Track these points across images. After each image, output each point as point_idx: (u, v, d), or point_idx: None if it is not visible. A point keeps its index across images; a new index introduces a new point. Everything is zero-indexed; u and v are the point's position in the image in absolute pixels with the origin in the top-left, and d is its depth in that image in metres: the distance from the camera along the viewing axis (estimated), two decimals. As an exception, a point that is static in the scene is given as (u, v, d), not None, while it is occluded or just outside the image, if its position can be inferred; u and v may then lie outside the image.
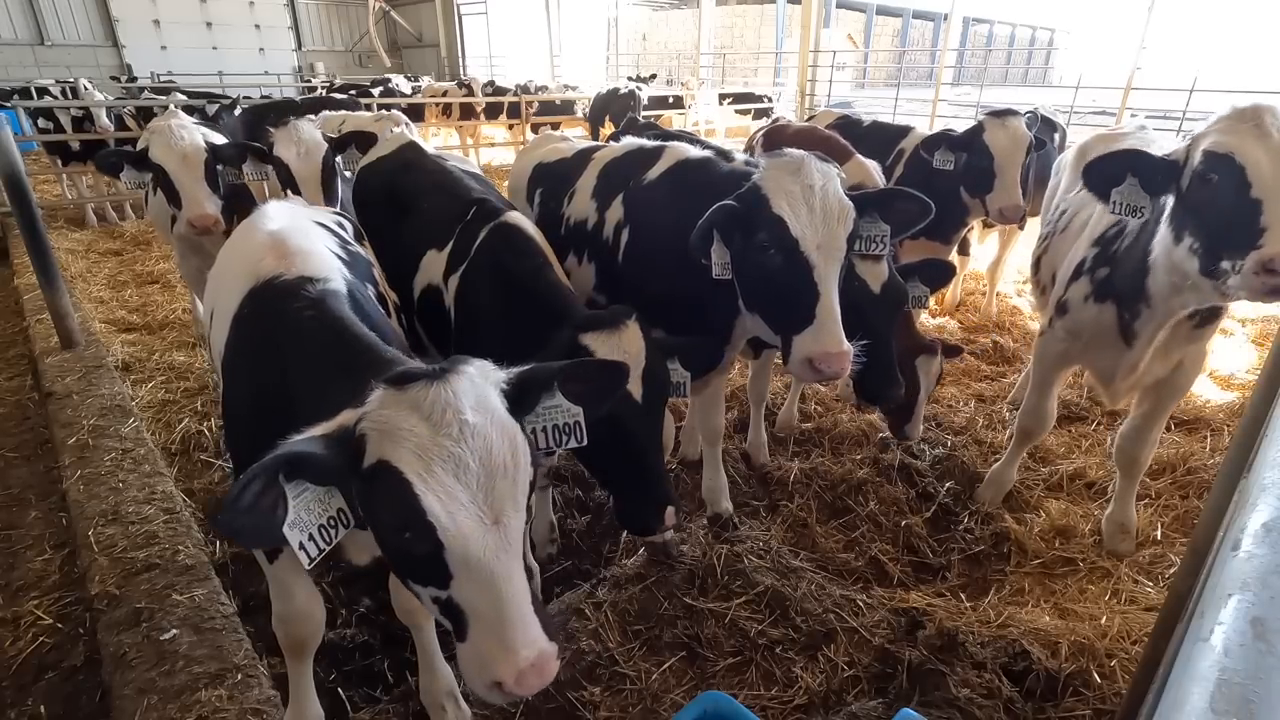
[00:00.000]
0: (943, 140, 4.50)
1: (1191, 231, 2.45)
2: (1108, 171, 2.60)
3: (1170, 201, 2.54)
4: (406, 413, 1.37)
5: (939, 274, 3.22)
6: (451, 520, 1.32)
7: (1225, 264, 2.33)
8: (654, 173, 3.01)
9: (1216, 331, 2.92)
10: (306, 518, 1.40)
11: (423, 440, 1.34)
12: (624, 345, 2.25)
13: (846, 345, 2.31)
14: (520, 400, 1.57)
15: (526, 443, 1.46)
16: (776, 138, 4.73)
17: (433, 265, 2.95)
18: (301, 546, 1.39)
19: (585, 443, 1.73)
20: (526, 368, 1.63)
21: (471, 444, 1.36)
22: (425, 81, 17.57)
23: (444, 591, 1.39)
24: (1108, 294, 2.93)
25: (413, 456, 1.33)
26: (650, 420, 2.31)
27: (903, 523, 3.50)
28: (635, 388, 2.24)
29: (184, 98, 10.21)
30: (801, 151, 2.46)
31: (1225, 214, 2.34)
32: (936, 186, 4.55)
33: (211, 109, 8.52)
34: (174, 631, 2.57)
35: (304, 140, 3.92)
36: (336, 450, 1.38)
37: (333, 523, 1.44)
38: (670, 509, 2.28)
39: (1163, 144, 3.36)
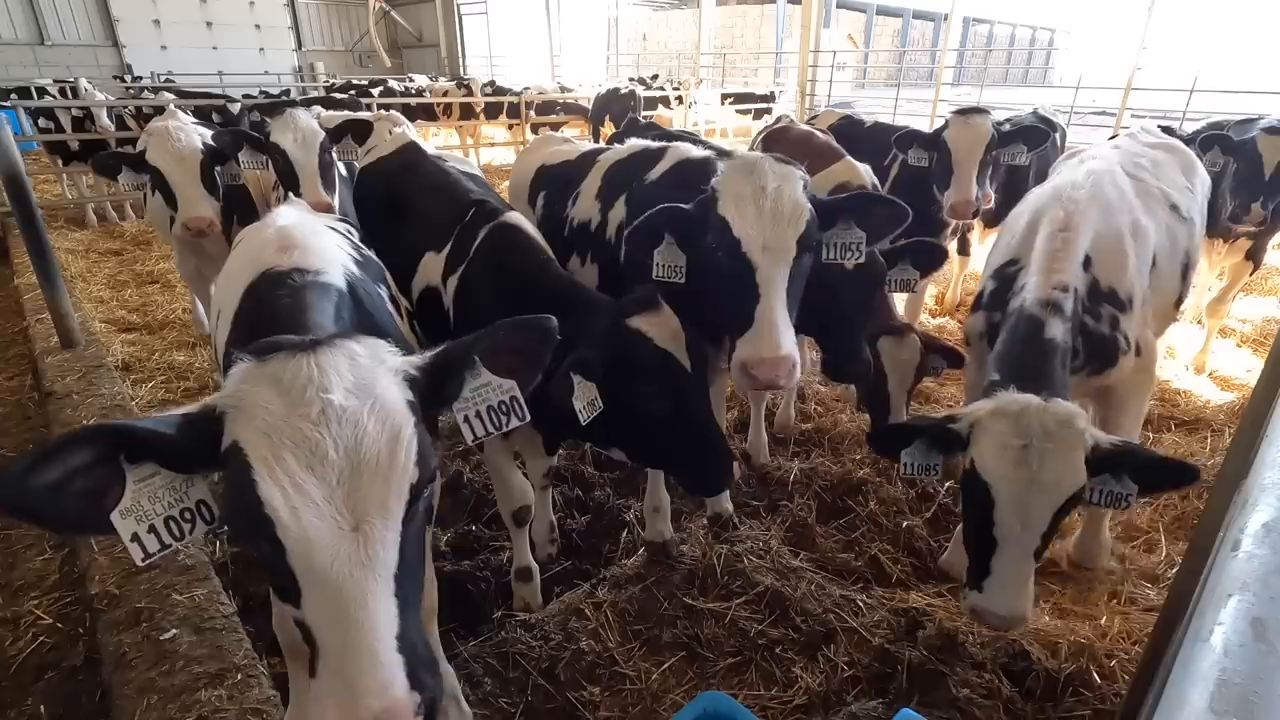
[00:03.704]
0: (914, 138, 4.56)
1: None
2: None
3: None
4: (263, 387, 1.20)
5: (929, 256, 3.11)
6: (294, 518, 1.12)
7: None
8: (655, 173, 3.02)
9: (1129, 366, 2.71)
10: (150, 507, 1.22)
11: (274, 419, 1.16)
12: (673, 323, 2.24)
13: (786, 351, 2.19)
14: (441, 386, 1.45)
15: (417, 440, 1.25)
16: (776, 141, 4.74)
17: (431, 266, 2.95)
18: (135, 538, 1.20)
19: (527, 419, 1.60)
20: (439, 349, 1.47)
21: (335, 429, 1.17)
22: (443, 82, 17.75)
23: (299, 611, 1.17)
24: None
25: (260, 437, 1.15)
26: (701, 388, 2.32)
27: (903, 523, 3.49)
28: (685, 360, 2.25)
29: (171, 97, 10.18)
30: (759, 154, 2.44)
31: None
32: (927, 185, 4.60)
33: (234, 107, 8.51)
34: (174, 631, 2.57)
35: (301, 129, 3.92)
36: (191, 432, 1.21)
37: (188, 516, 1.26)
38: (734, 463, 2.30)
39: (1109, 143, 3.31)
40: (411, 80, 17.92)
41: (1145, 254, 2.83)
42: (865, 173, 3.78)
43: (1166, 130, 5.61)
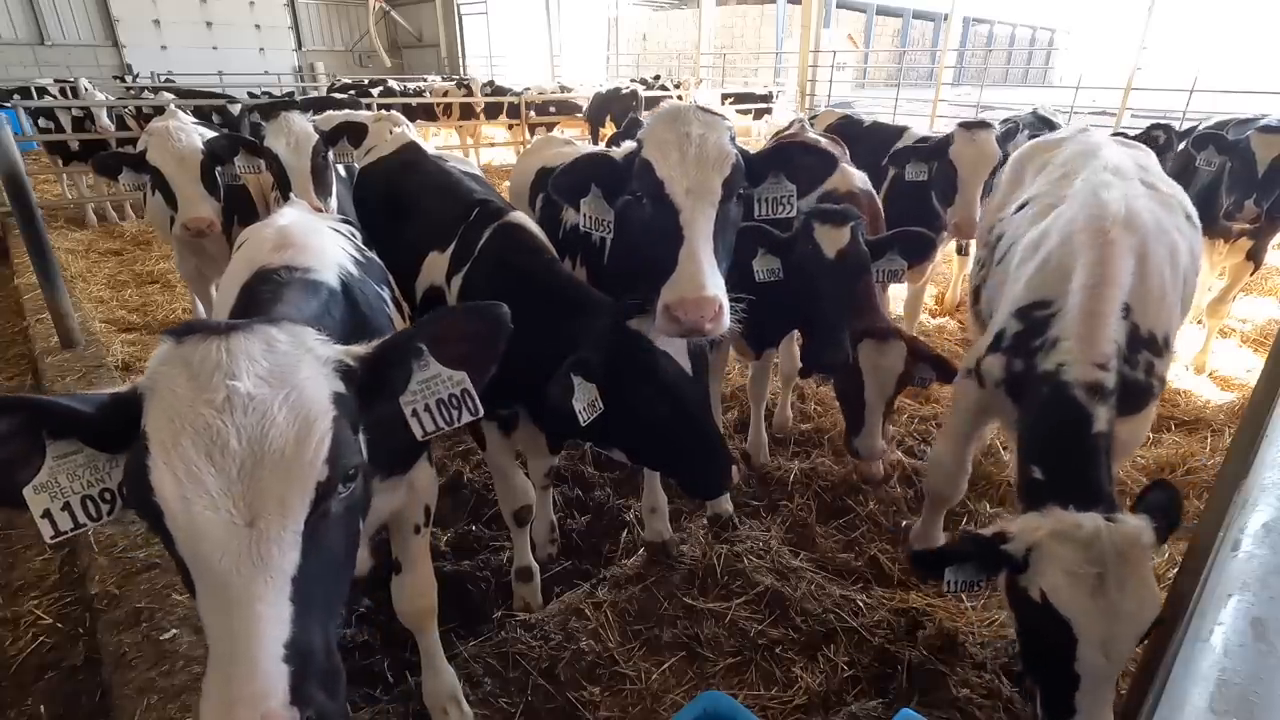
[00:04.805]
0: (911, 154, 4.59)
1: None
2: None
3: None
4: (176, 369, 1.17)
5: (918, 246, 3.03)
6: (184, 507, 1.08)
7: None
8: None
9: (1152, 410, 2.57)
10: (67, 484, 1.19)
11: (179, 403, 1.13)
12: None
13: (711, 292, 2.05)
14: (385, 378, 1.39)
15: (333, 435, 1.19)
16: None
17: (435, 266, 2.95)
18: (46, 515, 1.18)
19: (480, 414, 1.53)
20: (383, 339, 1.42)
21: (239, 418, 1.12)
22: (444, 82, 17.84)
23: (196, 602, 1.14)
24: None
25: (163, 420, 1.12)
26: (701, 389, 2.33)
27: (903, 523, 3.50)
28: (686, 363, 2.25)
29: (171, 97, 10.18)
30: (685, 104, 2.43)
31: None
32: (925, 186, 4.63)
33: (235, 108, 8.48)
34: (174, 631, 2.57)
35: (295, 132, 3.91)
36: (113, 412, 1.18)
37: (108, 497, 1.24)
38: (733, 466, 2.29)
39: (1103, 143, 3.22)
40: (424, 80, 17.94)
41: (1180, 279, 2.69)
42: (858, 179, 3.79)
43: (1164, 129, 5.62)
